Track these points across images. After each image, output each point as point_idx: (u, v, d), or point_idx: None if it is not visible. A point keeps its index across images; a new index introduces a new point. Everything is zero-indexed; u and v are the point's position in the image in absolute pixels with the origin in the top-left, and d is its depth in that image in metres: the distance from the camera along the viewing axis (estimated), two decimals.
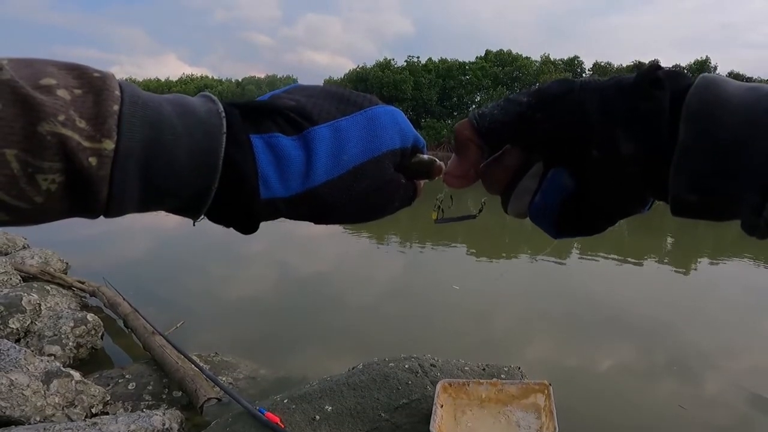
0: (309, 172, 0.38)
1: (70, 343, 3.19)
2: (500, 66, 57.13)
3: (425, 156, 0.45)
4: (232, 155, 0.36)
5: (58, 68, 0.31)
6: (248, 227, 0.40)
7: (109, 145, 0.30)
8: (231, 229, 0.41)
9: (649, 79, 0.35)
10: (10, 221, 0.30)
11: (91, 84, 0.31)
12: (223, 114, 0.36)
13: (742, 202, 0.33)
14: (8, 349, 2.44)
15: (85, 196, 0.31)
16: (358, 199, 0.41)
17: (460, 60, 59.56)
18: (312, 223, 0.43)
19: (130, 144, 0.31)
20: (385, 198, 0.43)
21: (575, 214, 0.40)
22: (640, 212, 0.40)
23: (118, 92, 0.32)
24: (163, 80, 77.62)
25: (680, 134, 0.33)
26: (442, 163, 0.45)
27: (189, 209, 0.38)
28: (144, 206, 0.35)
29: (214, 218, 0.39)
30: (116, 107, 0.31)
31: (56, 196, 0.30)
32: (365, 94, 0.43)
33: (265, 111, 0.39)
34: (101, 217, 0.34)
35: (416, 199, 0.47)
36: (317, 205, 0.40)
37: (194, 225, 0.41)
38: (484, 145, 0.42)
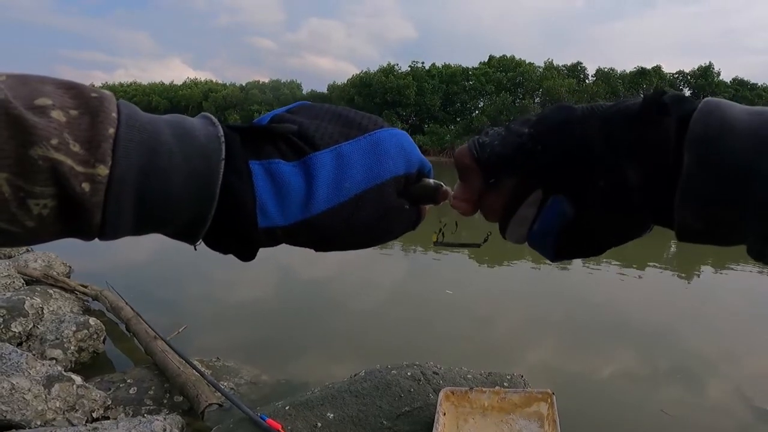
0: (309, 201, 0.37)
1: (72, 347, 3.18)
2: (503, 71, 57.19)
3: (431, 181, 0.44)
4: (230, 183, 0.35)
5: (56, 87, 0.30)
6: (246, 255, 0.39)
7: (103, 170, 0.29)
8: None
9: (655, 106, 0.35)
10: (1, 244, 0.30)
11: (87, 105, 0.30)
12: (223, 139, 0.35)
13: (748, 230, 0.32)
14: (10, 353, 2.44)
15: (78, 221, 0.30)
16: (358, 227, 0.40)
17: (464, 65, 59.65)
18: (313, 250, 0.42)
19: (125, 169, 0.30)
20: (387, 226, 0.42)
21: (574, 240, 0.39)
22: (640, 236, 0.40)
23: (114, 114, 0.31)
24: (167, 83, 77.97)
25: (684, 161, 0.32)
26: (448, 188, 0.44)
27: (185, 235, 0.37)
28: (139, 231, 0.34)
29: (212, 245, 0.39)
30: (112, 130, 0.30)
31: (48, 221, 0.29)
32: (371, 116, 0.42)
33: (266, 135, 0.38)
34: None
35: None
36: (317, 234, 0.39)
37: (195, 249, 0.40)
38: (484, 174, 0.41)
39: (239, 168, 0.36)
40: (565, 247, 0.40)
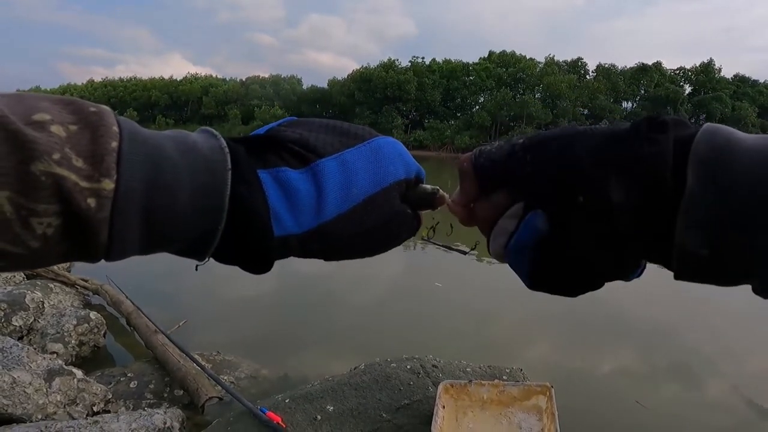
0: (320, 207, 0.37)
1: (73, 341, 3.19)
2: (504, 67, 57.09)
3: (428, 186, 0.45)
4: (240, 193, 0.34)
5: (52, 103, 0.29)
6: (261, 267, 0.38)
7: (109, 185, 0.28)
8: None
9: (650, 123, 0.33)
10: (4, 267, 0.28)
11: (87, 119, 0.29)
12: (227, 150, 0.35)
13: (758, 263, 0.30)
14: (11, 347, 2.45)
15: (84, 240, 0.29)
16: (368, 232, 0.40)
17: (464, 61, 59.57)
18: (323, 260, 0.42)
19: (131, 184, 0.29)
20: (394, 230, 0.42)
21: (548, 264, 0.38)
22: (625, 278, 0.38)
23: (116, 128, 0.30)
24: (167, 78, 77.79)
25: (688, 181, 0.30)
26: (444, 193, 0.45)
27: (193, 252, 0.36)
28: (146, 249, 0.33)
29: (224, 259, 0.38)
30: (115, 144, 0.29)
31: (53, 241, 0.28)
32: (363, 126, 0.42)
33: (268, 144, 0.38)
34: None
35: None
36: (329, 241, 0.38)
37: (196, 269, 0.40)
38: (478, 179, 0.41)
39: (248, 178, 0.35)
40: (539, 271, 0.39)
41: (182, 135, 0.35)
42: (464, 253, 0.53)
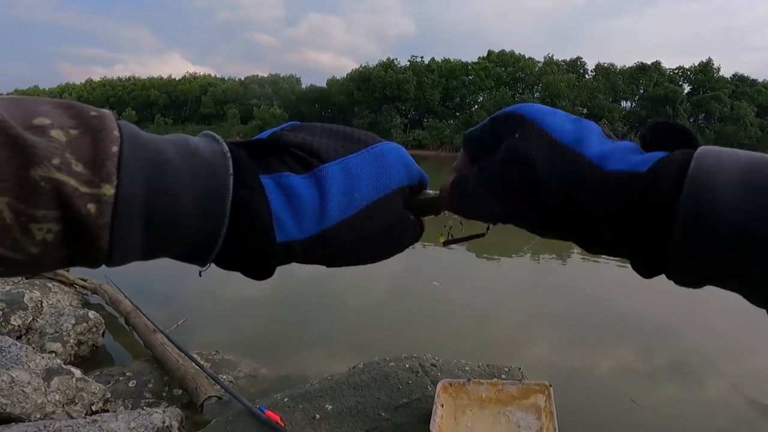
0: (323, 213, 0.37)
1: (71, 341, 3.19)
2: (503, 66, 57.07)
3: (431, 192, 0.45)
4: (242, 198, 0.34)
5: (53, 107, 0.29)
6: (262, 273, 0.38)
7: (109, 190, 0.28)
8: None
9: (643, 200, 0.33)
10: (4, 273, 0.28)
11: (87, 124, 0.29)
12: (229, 154, 0.35)
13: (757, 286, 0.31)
14: (9, 346, 2.44)
15: (85, 246, 0.29)
16: (371, 238, 0.40)
17: (463, 60, 59.54)
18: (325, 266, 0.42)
19: (132, 189, 0.29)
20: (397, 236, 0.42)
21: None
22: None
23: (116, 132, 0.29)
24: (166, 78, 77.69)
25: (673, 245, 0.31)
26: None
27: (195, 257, 0.36)
28: (148, 255, 0.32)
29: (225, 264, 0.38)
30: (115, 149, 0.29)
31: (53, 247, 0.28)
32: (366, 132, 0.42)
33: (271, 149, 0.37)
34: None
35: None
36: (332, 247, 0.38)
37: (200, 275, 0.40)
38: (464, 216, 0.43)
39: (250, 183, 0.35)
40: None
41: (183, 139, 0.34)
42: (483, 235, 0.53)
